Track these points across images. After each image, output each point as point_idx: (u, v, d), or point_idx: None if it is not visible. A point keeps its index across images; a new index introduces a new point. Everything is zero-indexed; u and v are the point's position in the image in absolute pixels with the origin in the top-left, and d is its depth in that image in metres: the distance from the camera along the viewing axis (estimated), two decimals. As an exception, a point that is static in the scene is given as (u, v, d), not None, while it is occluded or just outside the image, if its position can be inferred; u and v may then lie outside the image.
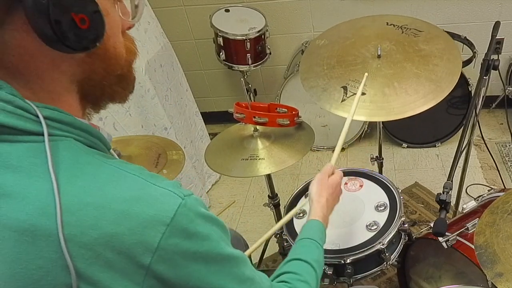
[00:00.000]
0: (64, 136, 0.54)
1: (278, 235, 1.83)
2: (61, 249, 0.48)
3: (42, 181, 0.50)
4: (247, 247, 1.46)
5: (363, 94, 1.32)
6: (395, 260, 1.37)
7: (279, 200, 1.75)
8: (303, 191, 1.50)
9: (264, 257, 1.96)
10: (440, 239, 1.23)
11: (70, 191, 0.50)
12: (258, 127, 1.49)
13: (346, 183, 1.48)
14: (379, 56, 1.41)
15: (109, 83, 0.60)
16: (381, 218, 1.34)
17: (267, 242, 1.93)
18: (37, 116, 0.52)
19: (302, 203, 1.27)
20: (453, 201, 1.83)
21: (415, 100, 1.29)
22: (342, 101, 1.34)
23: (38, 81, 0.54)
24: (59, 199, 0.49)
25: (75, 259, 0.49)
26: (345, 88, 1.36)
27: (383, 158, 1.89)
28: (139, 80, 1.90)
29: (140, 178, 0.54)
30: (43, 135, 0.52)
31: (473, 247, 1.02)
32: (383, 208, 1.36)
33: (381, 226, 1.31)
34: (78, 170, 0.52)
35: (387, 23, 1.53)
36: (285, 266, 0.87)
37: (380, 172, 1.88)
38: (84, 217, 0.49)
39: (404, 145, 2.67)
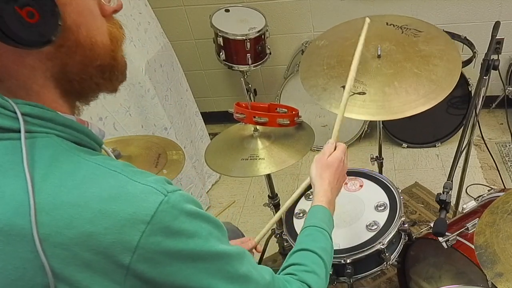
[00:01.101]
0: (44, 133, 0.53)
1: (278, 235, 1.84)
2: (36, 249, 0.47)
3: (18, 179, 0.49)
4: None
5: (363, 93, 1.32)
6: (395, 260, 1.37)
7: (279, 200, 1.75)
8: (303, 191, 1.50)
9: (264, 257, 1.96)
10: (440, 239, 1.23)
11: (46, 189, 0.49)
12: (258, 127, 1.49)
13: (346, 183, 1.48)
14: (379, 56, 1.41)
15: (89, 75, 0.57)
16: (381, 218, 1.34)
17: (267, 242, 1.93)
18: (16, 113, 0.51)
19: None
20: (453, 201, 1.83)
21: (415, 99, 1.29)
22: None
23: (12, 80, 0.52)
24: (33, 198, 0.48)
25: (51, 259, 0.48)
26: (345, 87, 1.36)
27: (383, 158, 1.89)
28: (139, 80, 1.90)
29: (121, 175, 0.53)
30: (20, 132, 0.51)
31: (473, 247, 1.02)
32: (383, 208, 1.36)
33: (381, 226, 1.31)
34: (55, 168, 0.51)
35: (387, 23, 1.53)
36: (291, 258, 0.84)
37: (380, 172, 1.88)
38: (59, 217, 0.48)
39: (404, 145, 2.67)
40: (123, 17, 1.85)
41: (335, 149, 1.04)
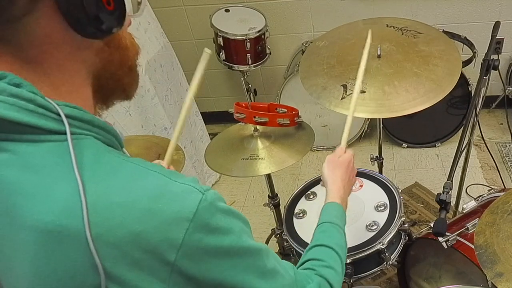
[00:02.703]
0: (84, 135, 0.54)
1: (278, 235, 1.84)
2: (88, 249, 0.47)
3: (67, 181, 0.49)
4: None
5: (362, 92, 1.32)
6: (395, 260, 1.37)
7: (279, 200, 1.75)
8: (303, 191, 1.50)
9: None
10: (440, 239, 1.23)
11: (95, 190, 0.50)
12: (258, 127, 1.49)
13: (346, 183, 1.48)
14: (379, 56, 1.41)
15: (122, 74, 0.61)
16: (381, 218, 1.34)
17: (267, 242, 1.93)
18: (59, 115, 0.51)
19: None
20: (453, 201, 1.83)
21: (415, 98, 1.29)
22: (342, 98, 1.34)
23: (58, 74, 0.53)
24: (85, 199, 0.48)
25: (103, 259, 0.48)
26: (345, 86, 1.36)
27: (383, 158, 1.89)
28: (139, 80, 1.89)
29: (161, 175, 0.54)
30: (65, 134, 0.51)
31: (473, 247, 1.02)
32: (383, 208, 1.36)
33: (381, 226, 1.31)
34: (101, 169, 0.52)
35: (387, 25, 1.54)
36: (309, 253, 0.86)
37: (380, 172, 1.88)
38: (110, 216, 0.49)
39: (404, 145, 2.67)
40: (123, 17, 1.86)
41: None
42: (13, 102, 0.49)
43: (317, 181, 1.52)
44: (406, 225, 1.35)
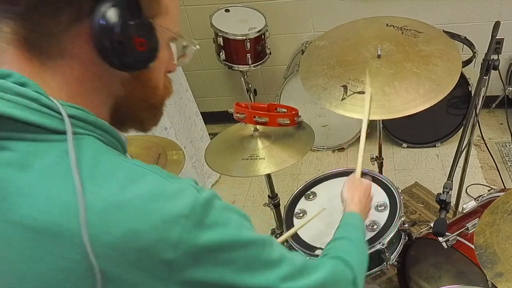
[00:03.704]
0: (86, 135, 0.54)
1: (278, 235, 1.84)
2: (85, 250, 0.47)
3: (65, 180, 0.49)
4: None
5: (362, 93, 1.32)
6: (395, 260, 1.37)
7: (279, 200, 1.75)
8: (303, 191, 1.50)
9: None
10: (440, 239, 1.23)
11: (93, 190, 0.50)
12: (258, 126, 1.49)
13: (346, 183, 1.48)
14: (379, 56, 1.41)
15: (143, 108, 0.64)
16: (381, 218, 1.34)
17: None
18: (61, 114, 0.52)
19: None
20: (453, 201, 1.83)
21: (415, 98, 1.29)
22: (342, 99, 1.34)
23: (79, 88, 0.55)
24: (83, 199, 0.48)
25: (99, 259, 0.48)
26: (345, 87, 1.36)
27: (383, 158, 1.89)
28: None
29: (158, 176, 0.55)
30: (66, 133, 0.52)
31: (473, 247, 1.02)
32: (383, 208, 1.36)
33: (381, 226, 1.31)
34: (100, 169, 0.52)
35: (387, 24, 1.54)
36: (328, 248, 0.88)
37: (380, 172, 1.88)
38: (107, 217, 0.49)
39: (404, 145, 2.67)
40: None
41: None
42: (17, 100, 0.49)
43: (317, 181, 1.52)
44: (406, 225, 1.35)
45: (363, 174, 1.17)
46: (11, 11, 0.51)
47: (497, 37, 1.46)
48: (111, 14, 0.52)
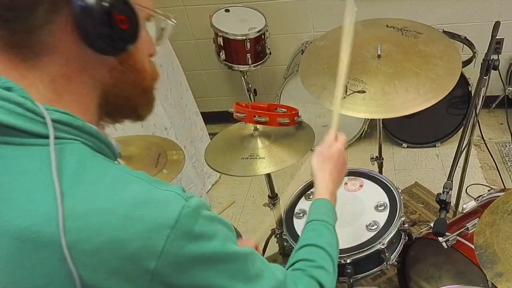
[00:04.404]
0: (72, 140, 0.53)
1: (278, 235, 1.84)
2: (64, 257, 0.47)
3: (47, 186, 0.49)
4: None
5: (362, 92, 1.32)
6: (395, 260, 1.37)
7: (279, 200, 1.75)
8: (303, 191, 1.50)
9: (264, 257, 1.96)
10: (440, 239, 1.23)
11: (74, 196, 0.49)
12: (258, 126, 1.49)
13: (346, 183, 1.48)
14: (379, 56, 1.41)
15: (135, 94, 0.63)
16: (381, 218, 1.34)
17: (267, 242, 1.93)
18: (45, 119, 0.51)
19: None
20: (453, 201, 1.83)
21: (415, 98, 1.29)
22: (342, 98, 1.34)
23: (64, 83, 0.54)
24: (61, 205, 0.48)
25: (78, 267, 0.48)
26: (345, 86, 1.36)
27: (383, 158, 1.89)
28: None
29: (144, 182, 0.54)
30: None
31: (473, 247, 1.02)
32: (383, 208, 1.36)
33: (381, 226, 1.31)
34: (83, 174, 0.51)
35: (387, 26, 1.54)
36: (298, 253, 0.83)
37: (380, 172, 1.88)
38: (87, 224, 0.48)
39: (404, 145, 2.67)
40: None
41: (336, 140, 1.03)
42: (1, 104, 0.49)
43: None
44: (406, 225, 1.35)
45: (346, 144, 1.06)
46: None
47: (497, 37, 1.46)
48: None
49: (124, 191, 0.51)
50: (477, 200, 1.47)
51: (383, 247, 1.26)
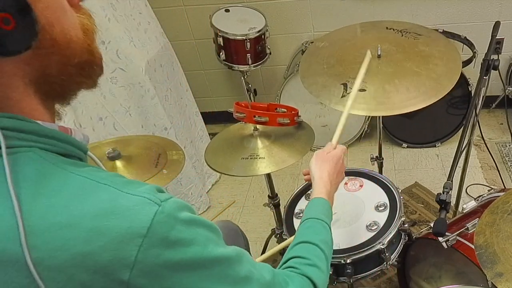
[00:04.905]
0: (26, 147, 0.50)
1: (278, 235, 1.84)
2: (31, 274, 0.45)
3: (4, 201, 0.46)
4: (245, 238, 1.45)
5: (363, 90, 1.32)
6: (395, 260, 1.37)
7: (279, 200, 1.75)
8: (303, 191, 1.50)
9: (264, 257, 1.96)
10: (440, 239, 1.23)
11: (34, 210, 0.46)
12: (258, 126, 1.49)
13: (346, 183, 1.48)
14: (379, 56, 1.41)
15: (69, 75, 0.55)
16: (381, 218, 1.34)
17: (267, 242, 1.93)
18: None
19: None
20: (453, 201, 1.83)
21: (416, 96, 1.29)
22: (342, 96, 1.34)
23: None
24: (21, 221, 0.45)
25: (47, 283, 0.46)
26: (345, 85, 1.37)
27: (383, 158, 1.89)
28: (139, 80, 1.90)
29: (111, 188, 0.50)
30: (7, 147, 0.48)
31: (473, 247, 1.02)
32: (383, 208, 1.36)
33: (381, 226, 1.31)
34: (42, 186, 0.48)
35: (387, 28, 1.54)
36: (292, 250, 0.82)
37: (380, 172, 1.88)
38: (51, 239, 0.46)
39: (404, 145, 2.67)
40: (123, 17, 1.86)
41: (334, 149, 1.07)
42: None
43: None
44: (406, 225, 1.35)
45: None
46: None
47: (497, 37, 1.46)
48: None
49: (88, 201, 0.49)
50: (477, 200, 1.47)
51: (383, 247, 1.26)
